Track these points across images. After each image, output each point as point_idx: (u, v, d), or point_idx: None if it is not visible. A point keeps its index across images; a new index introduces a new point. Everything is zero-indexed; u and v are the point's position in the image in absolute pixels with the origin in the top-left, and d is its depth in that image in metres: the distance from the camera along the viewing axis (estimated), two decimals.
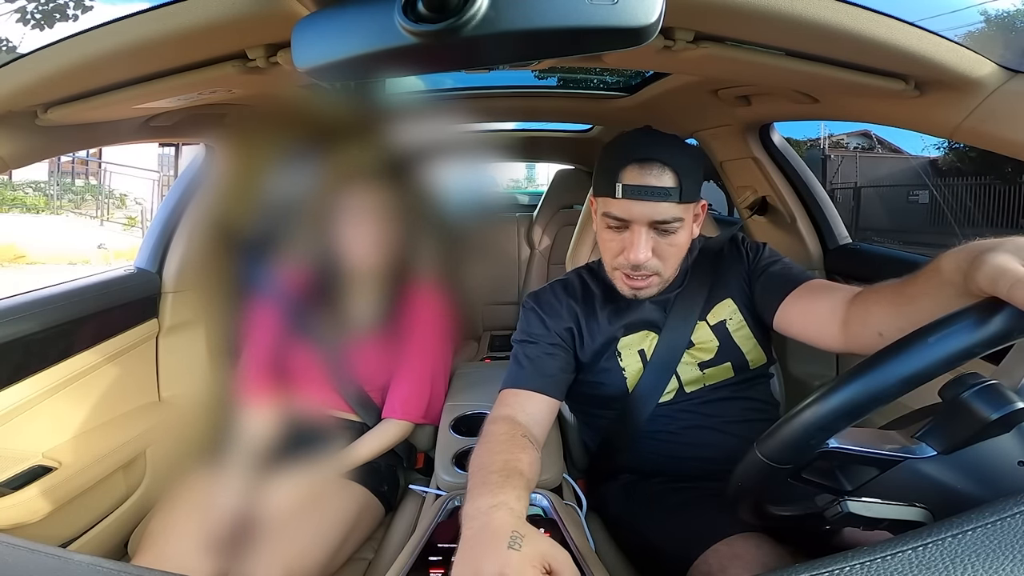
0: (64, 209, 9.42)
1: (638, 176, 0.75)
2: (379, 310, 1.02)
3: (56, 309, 0.94)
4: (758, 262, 0.87)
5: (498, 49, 0.41)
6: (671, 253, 0.79)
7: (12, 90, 0.67)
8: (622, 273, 0.81)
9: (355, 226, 0.96)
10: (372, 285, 1.01)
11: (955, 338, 0.42)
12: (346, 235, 0.97)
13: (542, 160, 3.12)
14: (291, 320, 1.00)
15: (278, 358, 1.00)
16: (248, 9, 0.51)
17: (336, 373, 1.01)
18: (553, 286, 0.93)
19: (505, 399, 0.80)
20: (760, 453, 0.50)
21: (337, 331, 1.01)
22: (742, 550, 0.63)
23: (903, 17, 0.56)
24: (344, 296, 1.02)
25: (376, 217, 0.96)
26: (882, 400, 0.43)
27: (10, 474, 0.82)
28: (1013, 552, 0.27)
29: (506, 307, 2.34)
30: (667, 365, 0.84)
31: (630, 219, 0.76)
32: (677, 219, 0.76)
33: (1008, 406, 0.42)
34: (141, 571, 0.42)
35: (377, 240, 0.97)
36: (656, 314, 0.86)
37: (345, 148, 0.94)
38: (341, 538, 0.86)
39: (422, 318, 1.04)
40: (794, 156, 1.27)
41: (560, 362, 0.84)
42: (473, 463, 0.66)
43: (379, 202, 0.96)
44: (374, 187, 0.96)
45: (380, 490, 0.98)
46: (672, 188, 0.74)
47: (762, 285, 0.84)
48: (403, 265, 1.01)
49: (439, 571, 0.63)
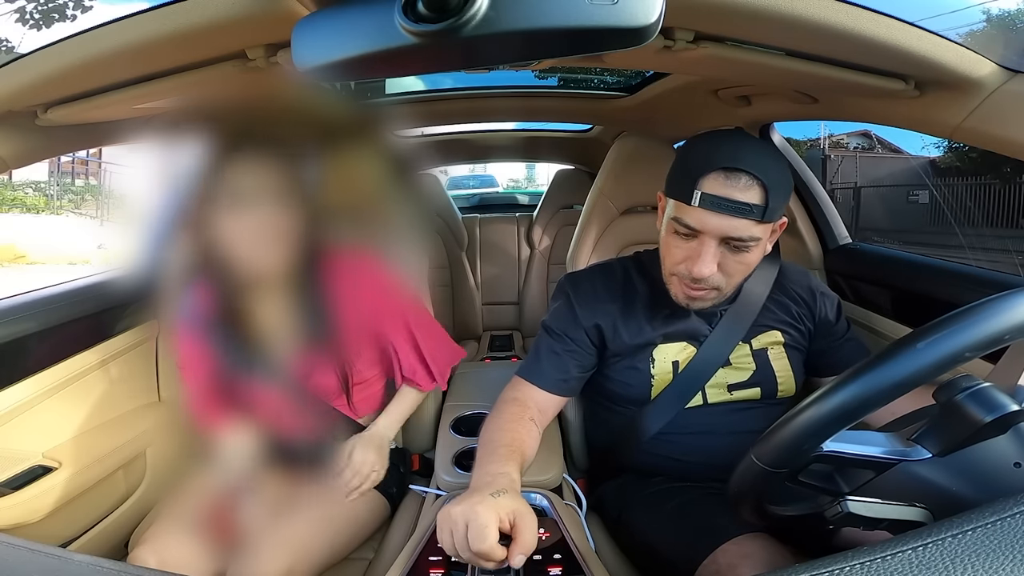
0: (64, 209, 9.41)
1: (722, 187, 0.67)
2: (305, 309, 0.84)
3: (56, 309, 0.94)
4: (837, 323, 0.86)
5: (498, 49, 0.41)
6: (738, 271, 0.73)
7: (12, 90, 0.67)
8: (680, 280, 0.76)
9: (244, 220, 0.73)
10: (283, 287, 0.82)
11: (943, 343, 0.42)
12: (234, 232, 0.74)
13: (542, 160, 3.12)
14: (217, 345, 0.83)
15: (223, 388, 0.85)
16: (248, 9, 0.51)
17: (291, 391, 0.86)
18: (593, 272, 0.90)
19: (518, 385, 0.84)
20: (755, 458, 0.50)
21: (265, 348, 0.83)
22: (751, 549, 0.62)
23: (903, 17, 0.56)
24: (255, 308, 0.82)
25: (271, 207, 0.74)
26: (873, 405, 0.44)
27: (10, 474, 0.82)
28: (1013, 552, 0.27)
29: (506, 307, 2.34)
30: (697, 380, 0.81)
31: (702, 230, 0.70)
32: (754, 239, 0.69)
33: (1001, 409, 0.42)
34: (141, 571, 0.42)
35: (276, 235, 0.76)
36: (700, 327, 0.82)
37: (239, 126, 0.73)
38: (347, 536, 0.86)
39: (363, 293, 0.86)
40: (794, 156, 1.27)
41: (579, 361, 0.84)
42: (483, 436, 0.75)
43: (273, 188, 0.74)
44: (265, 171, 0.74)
45: (388, 491, 0.97)
46: (757, 205, 0.67)
47: (837, 349, 0.85)
48: (313, 255, 0.81)
49: (439, 571, 0.63)
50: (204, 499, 0.82)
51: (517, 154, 2.56)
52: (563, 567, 0.63)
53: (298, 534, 0.79)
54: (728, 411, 0.83)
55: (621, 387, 0.85)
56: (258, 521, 0.79)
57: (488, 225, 2.37)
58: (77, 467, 0.89)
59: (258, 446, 0.88)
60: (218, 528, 0.78)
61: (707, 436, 0.82)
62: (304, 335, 0.83)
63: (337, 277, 0.84)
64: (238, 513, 0.81)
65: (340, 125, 0.75)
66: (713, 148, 0.70)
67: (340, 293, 0.84)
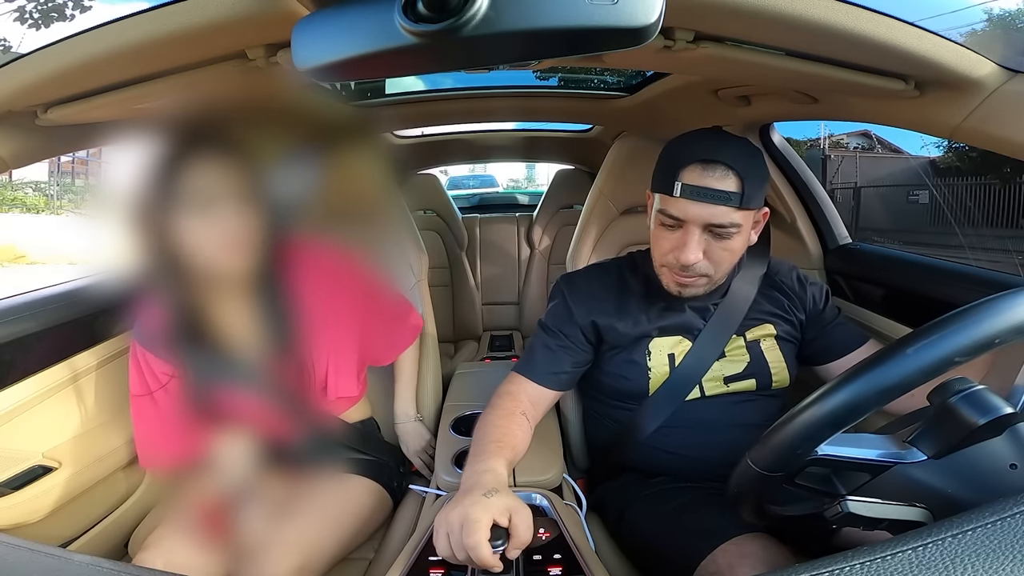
0: (64, 209, 9.41)
1: (699, 177, 0.73)
2: (270, 308, 0.81)
3: (56, 309, 0.94)
4: (824, 310, 0.88)
5: (498, 49, 0.41)
6: (723, 258, 0.77)
7: (12, 90, 0.67)
8: (670, 270, 0.80)
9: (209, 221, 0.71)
10: (247, 288, 0.79)
11: (933, 348, 0.42)
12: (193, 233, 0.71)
13: (542, 160, 3.12)
14: (184, 357, 0.79)
15: (198, 405, 0.80)
16: (248, 9, 0.51)
17: (268, 394, 0.82)
18: (589, 272, 0.93)
19: (514, 379, 0.86)
20: (751, 462, 0.50)
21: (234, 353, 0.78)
22: (751, 549, 0.63)
23: (903, 17, 0.56)
24: (213, 310, 0.78)
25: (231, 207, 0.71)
26: (865, 410, 0.44)
27: (10, 474, 0.82)
28: (1013, 552, 0.27)
29: (506, 307, 2.34)
30: (694, 374, 0.83)
31: (685, 219, 0.75)
32: (735, 224, 0.74)
33: (995, 412, 0.42)
34: (141, 571, 0.42)
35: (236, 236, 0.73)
36: (694, 320, 0.85)
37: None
38: (354, 531, 0.87)
39: (326, 285, 0.85)
40: (794, 156, 1.27)
41: (573, 357, 0.86)
42: (476, 433, 0.77)
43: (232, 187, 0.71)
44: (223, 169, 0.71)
45: (391, 486, 0.99)
46: (734, 192, 0.72)
47: (826, 336, 0.87)
48: (277, 254, 0.78)
49: (439, 571, 0.63)
50: (206, 503, 0.82)
51: (517, 154, 2.56)
52: (563, 567, 0.63)
53: (305, 532, 0.80)
54: (726, 404, 0.84)
55: (619, 381, 0.87)
56: (261, 524, 0.79)
57: (488, 225, 2.37)
58: (77, 467, 0.89)
59: (253, 450, 0.85)
60: (221, 532, 0.78)
61: (706, 430, 0.83)
62: (272, 335, 0.81)
63: (300, 273, 0.82)
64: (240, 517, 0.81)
65: (330, 127, 0.75)
66: (691, 143, 0.77)
67: (304, 289, 0.82)
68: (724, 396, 0.84)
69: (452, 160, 2.74)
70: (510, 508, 0.57)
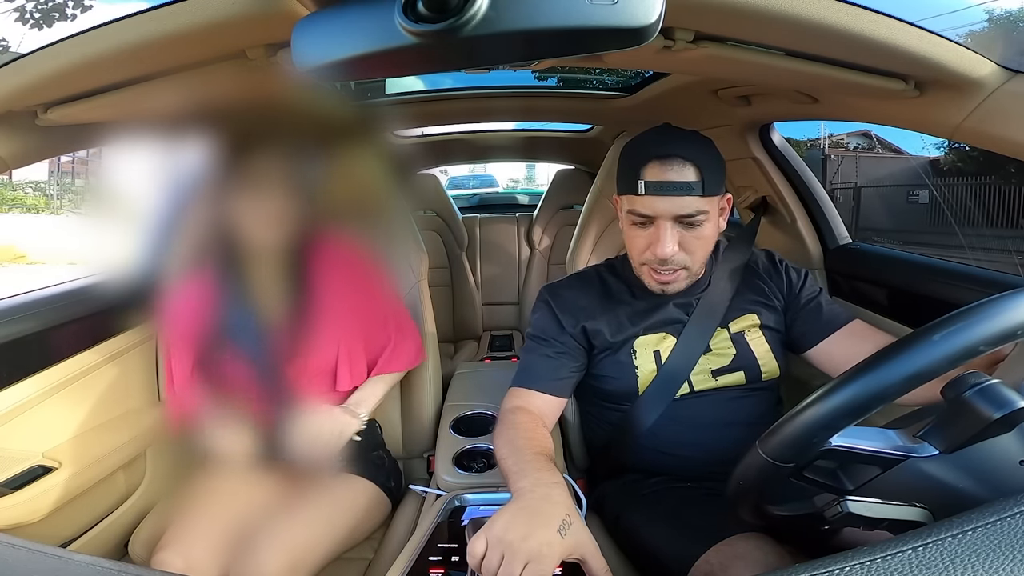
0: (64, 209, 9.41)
1: (659, 172, 0.75)
2: (293, 282, 0.90)
3: (56, 309, 0.94)
4: (800, 291, 0.88)
5: (498, 49, 0.41)
6: (698, 246, 0.79)
7: (12, 90, 0.67)
8: (649, 268, 0.81)
9: (253, 204, 0.83)
10: (277, 265, 0.89)
11: (959, 336, 0.42)
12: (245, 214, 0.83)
13: (542, 160, 3.12)
14: (213, 306, 0.88)
15: (203, 366, 0.88)
16: (248, 9, 0.51)
17: (267, 373, 0.89)
18: (570, 280, 0.94)
19: (517, 394, 0.85)
20: (762, 451, 0.50)
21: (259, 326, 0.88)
22: (744, 550, 0.63)
23: (903, 17, 0.56)
24: (252, 274, 0.89)
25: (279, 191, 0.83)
26: (885, 398, 0.44)
27: (10, 474, 0.82)
28: (1013, 552, 0.27)
29: (506, 307, 2.34)
30: (681, 370, 0.84)
31: (654, 215, 0.77)
32: (701, 212, 0.76)
33: (1010, 405, 0.42)
34: (141, 571, 0.42)
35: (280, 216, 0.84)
36: (678, 315, 0.86)
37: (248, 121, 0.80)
38: (347, 531, 0.86)
39: (341, 277, 0.92)
40: (794, 156, 1.27)
41: (570, 362, 0.86)
42: (507, 445, 0.73)
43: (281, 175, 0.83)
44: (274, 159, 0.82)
45: (388, 486, 0.98)
46: (694, 182, 0.75)
47: (803, 319, 0.86)
48: (307, 237, 0.89)
49: (439, 571, 0.63)
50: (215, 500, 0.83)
51: (517, 154, 2.56)
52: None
53: (298, 531, 0.79)
54: (719, 401, 0.84)
55: (608, 383, 0.87)
56: (258, 519, 0.80)
57: (488, 225, 2.37)
58: (77, 467, 0.89)
59: (252, 443, 0.88)
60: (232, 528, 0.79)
61: (700, 428, 0.83)
62: (289, 306, 0.90)
63: (323, 261, 0.91)
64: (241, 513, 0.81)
65: (337, 124, 0.84)
66: (646, 143, 0.79)
67: (324, 276, 0.91)
68: (715, 392, 0.84)
69: (452, 160, 2.75)
70: (580, 546, 0.56)
